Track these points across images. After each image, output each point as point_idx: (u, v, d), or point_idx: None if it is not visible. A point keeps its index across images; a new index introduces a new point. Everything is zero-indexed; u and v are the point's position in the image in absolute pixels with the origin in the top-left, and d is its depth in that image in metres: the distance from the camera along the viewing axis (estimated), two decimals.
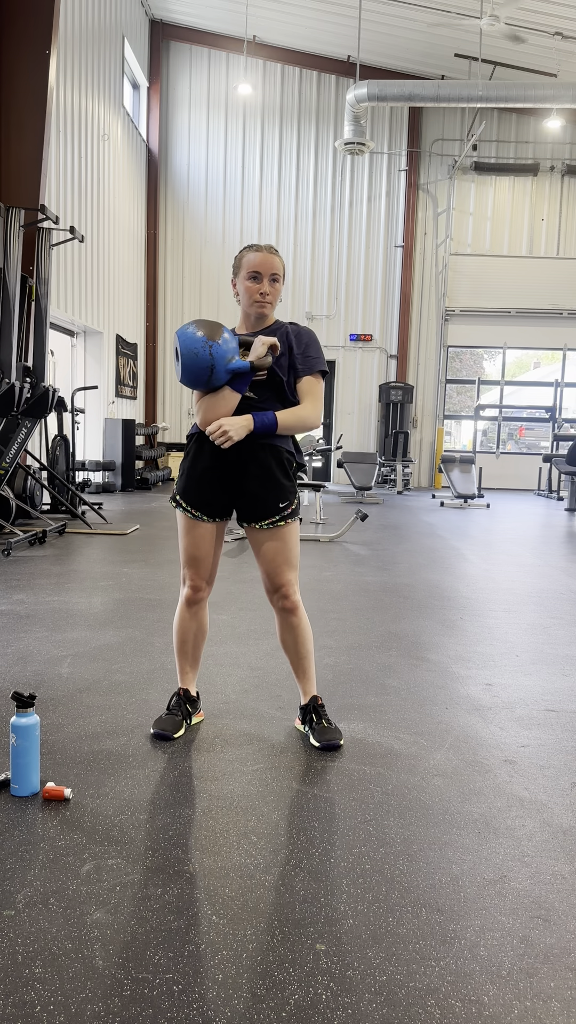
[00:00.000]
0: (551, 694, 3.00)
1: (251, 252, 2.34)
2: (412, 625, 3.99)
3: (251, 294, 2.34)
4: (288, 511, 2.39)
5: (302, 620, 2.46)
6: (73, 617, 3.90)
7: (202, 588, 2.46)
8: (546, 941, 1.53)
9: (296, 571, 2.45)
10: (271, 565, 2.40)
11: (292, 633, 2.46)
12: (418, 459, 14.80)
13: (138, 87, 13.78)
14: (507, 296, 14.40)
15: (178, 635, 2.51)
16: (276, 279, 2.35)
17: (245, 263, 2.34)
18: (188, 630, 2.49)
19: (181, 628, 2.50)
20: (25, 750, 2.04)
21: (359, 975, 1.42)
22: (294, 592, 2.43)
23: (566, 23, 11.15)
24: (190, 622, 2.49)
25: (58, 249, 9.15)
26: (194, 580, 2.44)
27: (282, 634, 2.48)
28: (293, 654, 2.49)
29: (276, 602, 2.44)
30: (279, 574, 2.40)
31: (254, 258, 2.33)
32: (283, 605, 2.43)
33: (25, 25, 7.52)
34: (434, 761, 2.35)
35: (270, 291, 2.34)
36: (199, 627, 2.51)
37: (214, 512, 2.40)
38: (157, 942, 1.49)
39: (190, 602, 2.46)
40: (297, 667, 2.51)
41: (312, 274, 14.34)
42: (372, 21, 11.91)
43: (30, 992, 1.36)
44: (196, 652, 2.54)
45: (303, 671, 2.51)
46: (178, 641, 2.51)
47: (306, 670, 2.51)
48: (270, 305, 2.35)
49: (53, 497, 7.95)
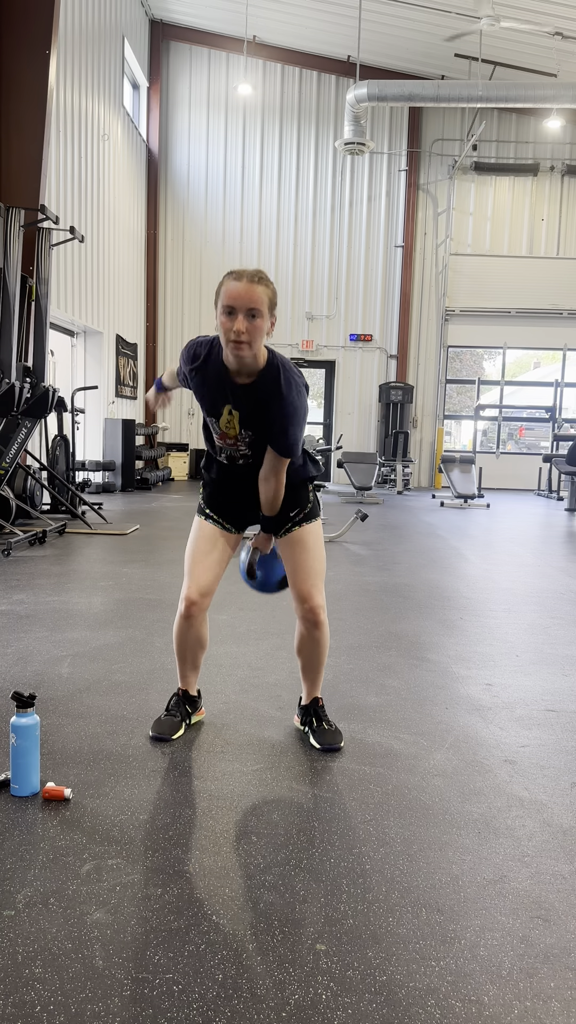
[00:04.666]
0: (551, 694, 3.00)
1: (230, 280, 2.02)
2: (412, 625, 3.99)
3: (225, 333, 2.03)
4: (300, 515, 2.36)
5: (323, 635, 2.39)
6: (73, 617, 3.90)
7: (196, 602, 2.35)
8: (546, 941, 1.53)
9: (321, 580, 2.37)
10: (294, 571, 2.36)
11: (311, 645, 2.41)
12: (418, 459, 14.79)
13: (138, 87, 13.78)
14: (507, 296, 14.39)
15: (176, 645, 2.48)
16: (256, 314, 2.00)
17: (223, 293, 2.02)
18: (185, 642, 2.45)
19: (179, 639, 2.46)
20: (25, 750, 2.04)
21: (359, 975, 1.42)
22: (320, 605, 2.35)
23: (566, 23, 11.15)
24: (187, 633, 2.43)
25: (58, 249, 9.15)
26: (190, 592, 2.35)
27: (300, 643, 2.43)
28: (307, 662, 2.46)
29: (301, 612, 2.37)
30: (303, 580, 2.34)
31: (232, 289, 2.00)
32: (308, 617, 2.36)
33: (25, 25, 7.52)
34: (434, 761, 2.35)
35: (246, 329, 2.00)
36: (197, 639, 2.45)
37: (240, 524, 2.42)
38: (157, 942, 1.49)
39: (186, 615, 2.39)
40: (307, 674, 2.49)
41: (312, 274, 14.34)
42: (372, 21, 11.90)
43: (30, 992, 1.36)
44: (195, 661, 2.52)
45: (312, 678, 2.49)
46: (177, 650, 2.50)
47: (315, 678, 2.49)
48: (247, 346, 2.01)
49: (53, 497, 7.95)
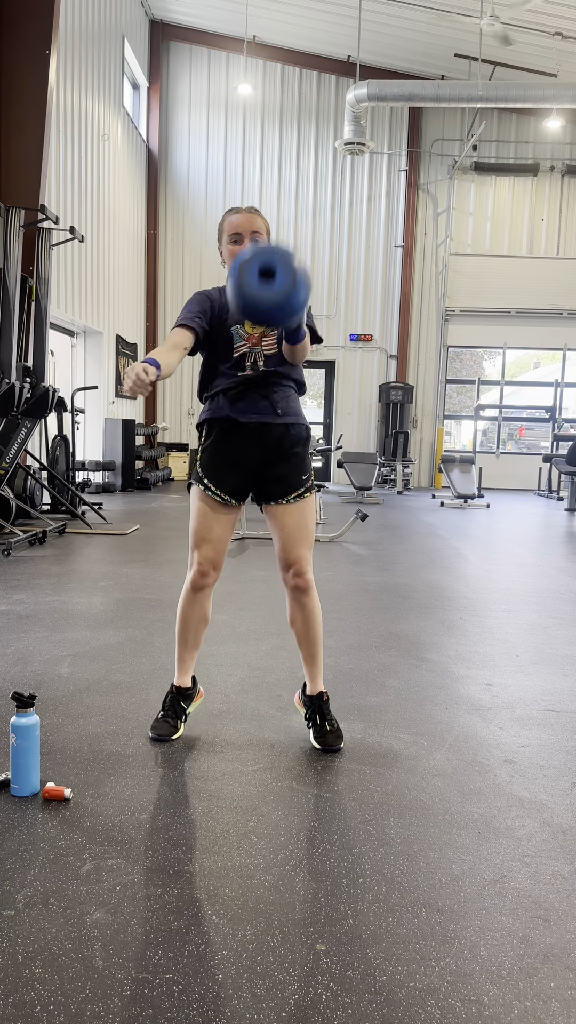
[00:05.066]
0: (551, 694, 3.00)
1: (232, 215, 2.34)
2: (412, 625, 3.99)
3: (233, 257, 2.28)
4: (308, 482, 2.41)
5: (313, 600, 2.42)
6: (73, 617, 3.90)
7: (209, 573, 2.38)
8: (546, 941, 1.53)
9: (311, 549, 2.42)
10: (288, 540, 2.38)
11: (302, 612, 2.42)
12: (418, 459, 14.80)
13: (138, 87, 13.78)
14: (507, 296, 14.39)
15: (181, 620, 2.46)
16: (258, 237, 2.32)
17: (226, 226, 2.34)
18: (191, 616, 2.44)
19: (184, 614, 2.45)
20: (25, 750, 2.04)
21: (359, 975, 1.42)
22: (308, 570, 2.40)
23: (566, 23, 11.15)
24: (194, 607, 2.43)
25: (58, 249, 9.15)
26: (202, 564, 2.37)
27: (292, 613, 2.44)
28: (302, 636, 2.45)
29: (289, 580, 2.39)
30: (294, 547, 2.37)
31: (235, 219, 2.32)
32: (296, 583, 2.39)
33: (25, 25, 7.52)
34: (434, 761, 2.35)
35: None
36: (202, 614, 2.45)
37: (241, 495, 2.39)
38: (157, 942, 1.49)
39: (196, 587, 2.39)
40: (305, 651, 2.48)
41: (312, 274, 14.33)
42: (372, 21, 11.91)
43: (30, 992, 1.36)
44: (196, 639, 2.50)
45: (311, 656, 2.48)
46: (180, 627, 2.47)
47: (314, 656, 2.48)
48: None
49: (53, 497, 7.95)
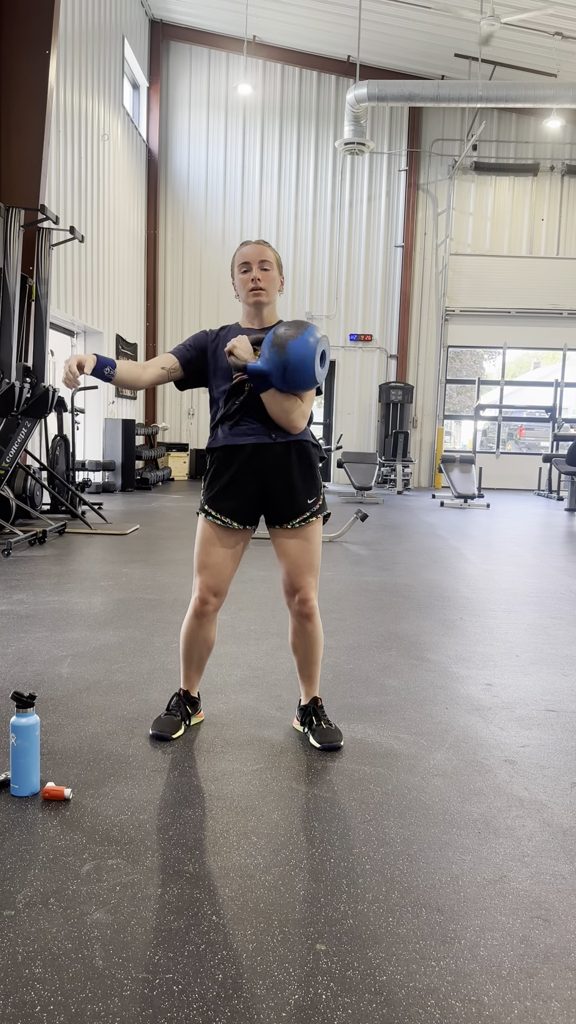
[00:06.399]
0: (551, 694, 3.00)
1: (243, 247, 2.39)
2: (412, 625, 3.99)
3: (244, 285, 2.36)
4: (316, 506, 2.40)
5: (316, 627, 2.43)
6: (73, 617, 3.90)
7: (209, 600, 2.38)
8: (546, 941, 1.53)
9: (316, 576, 2.42)
10: (294, 566, 2.38)
11: (305, 640, 2.44)
12: (418, 459, 14.80)
13: (138, 87, 13.78)
14: (507, 296, 14.40)
15: (184, 644, 2.48)
16: (267, 267, 2.35)
17: (237, 257, 2.39)
18: (194, 642, 2.46)
19: (187, 639, 2.46)
20: (25, 750, 2.04)
21: (359, 975, 1.42)
22: (312, 596, 2.40)
23: (566, 23, 11.15)
24: (197, 633, 2.44)
25: (58, 249, 9.15)
26: (202, 591, 2.38)
27: (294, 638, 2.46)
28: (302, 658, 2.48)
29: (294, 605, 2.41)
30: (300, 575, 2.38)
31: (245, 250, 2.37)
32: (301, 610, 2.40)
33: (25, 25, 7.52)
34: (434, 761, 2.35)
35: (261, 276, 2.34)
36: (206, 640, 2.46)
37: (244, 518, 2.37)
38: (157, 942, 1.49)
39: (197, 614, 2.41)
40: (303, 671, 2.50)
41: (312, 274, 14.34)
42: (372, 21, 11.91)
43: (30, 992, 1.36)
44: (201, 662, 2.52)
45: (308, 675, 2.50)
46: (184, 649, 2.49)
47: (312, 675, 2.50)
48: (264, 292, 2.35)
49: (53, 497, 7.95)
